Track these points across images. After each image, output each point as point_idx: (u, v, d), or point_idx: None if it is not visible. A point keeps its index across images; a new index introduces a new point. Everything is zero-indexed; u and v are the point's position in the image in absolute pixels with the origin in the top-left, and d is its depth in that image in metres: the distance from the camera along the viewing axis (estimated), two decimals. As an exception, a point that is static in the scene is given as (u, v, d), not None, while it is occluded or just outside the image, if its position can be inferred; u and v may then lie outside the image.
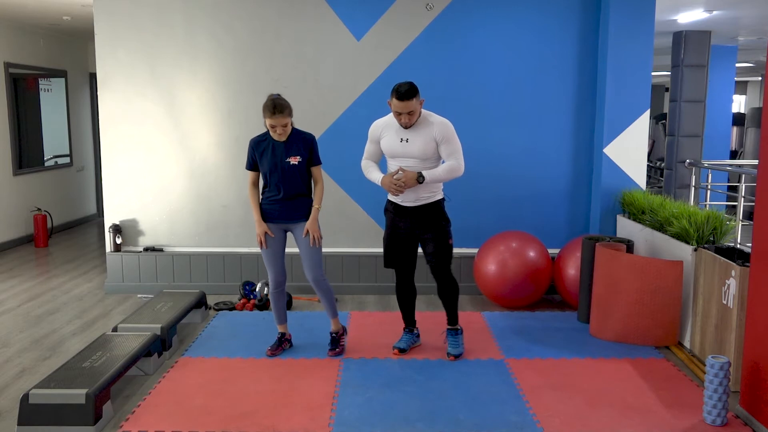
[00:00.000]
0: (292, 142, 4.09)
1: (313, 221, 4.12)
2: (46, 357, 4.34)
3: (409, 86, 3.87)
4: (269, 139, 4.11)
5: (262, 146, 4.11)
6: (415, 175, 3.94)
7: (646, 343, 4.46)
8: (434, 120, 4.01)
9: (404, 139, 4.00)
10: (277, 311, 4.33)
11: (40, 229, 7.82)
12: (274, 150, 4.07)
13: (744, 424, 3.39)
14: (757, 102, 16.89)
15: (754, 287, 3.41)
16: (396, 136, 4.02)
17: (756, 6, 6.65)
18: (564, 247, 5.40)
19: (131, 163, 5.79)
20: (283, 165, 4.05)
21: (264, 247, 4.16)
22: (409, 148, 3.99)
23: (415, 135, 3.98)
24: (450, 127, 4.01)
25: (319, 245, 4.15)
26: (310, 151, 4.12)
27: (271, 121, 3.97)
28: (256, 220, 4.15)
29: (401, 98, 3.85)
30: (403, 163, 4.02)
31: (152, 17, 5.63)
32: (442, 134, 3.97)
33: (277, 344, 4.34)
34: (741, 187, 5.95)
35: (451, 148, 4.00)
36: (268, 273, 4.26)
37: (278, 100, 3.98)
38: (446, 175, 4.01)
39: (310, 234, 4.11)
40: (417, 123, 3.98)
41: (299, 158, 4.07)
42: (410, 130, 3.99)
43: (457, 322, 4.33)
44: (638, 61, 5.45)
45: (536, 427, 3.35)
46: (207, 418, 3.44)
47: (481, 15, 5.61)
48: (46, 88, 8.61)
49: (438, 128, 3.97)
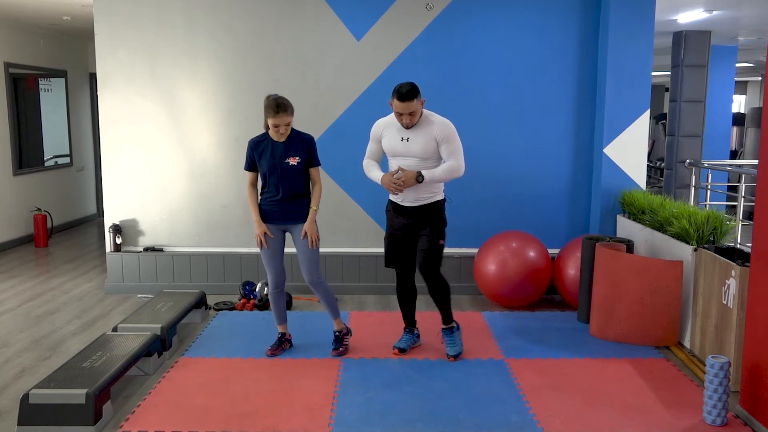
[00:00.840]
0: (291, 142, 4.09)
1: (310, 223, 4.12)
2: (46, 357, 4.34)
3: (410, 87, 3.87)
4: (268, 139, 4.11)
5: (261, 147, 4.11)
6: (415, 175, 3.94)
7: (646, 343, 4.46)
8: (435, 120, 4.02)
9: (405, 138, 4.00)
10: (276, 311, 4.33)
11: (40, 229, 7.82)
12: (273, 150, 4.07)
13: (744, 424, 3.39)
14: (757, 102, 16.88)
15: (754, 287, 3.41)
16: (397, 135, 4.03)
17: (756, 6, 6.65)
18: (564, 247, 5.40)
19: (131, 163, 5.79)
20: (282, 165, 4.06)
21: (265, 247, 4.16)
22: (409, 147, 3.99)
23: (416, 134, 3.98)
24: (451, 127, 4.02)
25: (316, 247, 4.15)
26: (309, 151, 4.12)
27: (274, 121, 3.97)
28: (255, 220, 4.15)
29: (402, 99, 3.86)
30: (404, 162, 4.03)
31: (152, 17, 5.63)
32: (443, 134, 3.97)
33: (277, 344, 4.34)
34: (741, 187, 5.95)
35: (451, 147, 4.00)
36: (268, 273, 4.26)
37: (280, 99, 3.98)
38: (446, 176, 4.01)
39: (308, 236, 4.12)
40: (418, 123, 3.99)
41: (298, 159, 4.07)
42: (411, 130, 4.00)
43: (452, 320, 4.33)
44: (638, 61, 5.45)
45: (536, 427, 3.35)
46: (207, 418, 3.44)
47: (481, 15, 5.61)
48: (46, 88, 8.62)
49: (439, 128, 3.98)
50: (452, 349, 4.26)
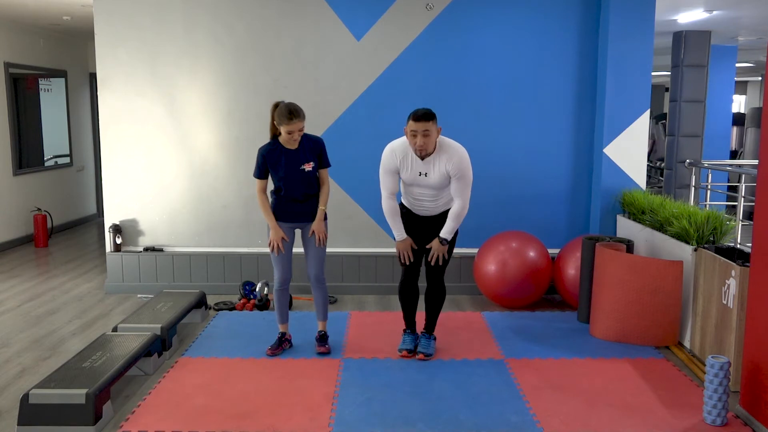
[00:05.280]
0: (303, 148, 4.11)
1: (319, 222, 4.15)
2: (46, 357, 4.34)
3: (428, 109, 3.89)
4: (279, 147, 4.10)
5: (275, 155, 4.11)
6: (440, 244, 4.07)
7: (646, 343, 4.46)
8: (449, 152, 3.96)
9: (423, 173, 4.01)
10: (279, 309, 4.34)
11: (40, 229, 7.82)
12: (287, 159, 4.09)
13: (744, 424, 3.39)
14: (757, 102, 16.88)
15: (754, 287, 3.41)
16: (416, 170, 4.02)
17: (756, 6, 6.65)
18: (564, 247, 5.40)
19: (131, 163, 5.79)
20: (298, 173, 4.08)
21: (281, 251, 4.17)
22: (427, 181, 4.03)
23: (433, 169, 3.99)
24: (465, 161, 3.98)
25: (324, 245, 4.19)
26: (320, 154, 4.16)
27: (288, 127, 3.96)
28: (273, 227, 4.15)
29: (418, 119, 3.84)
30: (419, 190, 4.07)
31: (152, 17, 5.63)
32: (457, 169, 3.95)
33: (277, 344, 4.35)
34: (741, 187, 5.95)
35: (461, 185, 4.00)
36: (275, 271, 4.26)
37: (292, 105, 3.99)
38: (458, 223, 4.09)
39: (315, 234, 4.13)
40: (433, 156, 3.97)
41: (312, 163, 4.12)
42: (428, 164, 3.98)
43: (433, 332, 4.38)
44: (638, 61, 5.45)
45: (536, 427, 3.35)
46: (207, 418, 3.44)
47: (481, 15, 5.61)
48: (46, 88, 8.61)
49: (454, 164, 3.94)
50: (428, 349, 4.27)
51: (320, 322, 4.41)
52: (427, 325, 4.36)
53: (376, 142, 4.22)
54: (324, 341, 4.37)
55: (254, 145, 5.73)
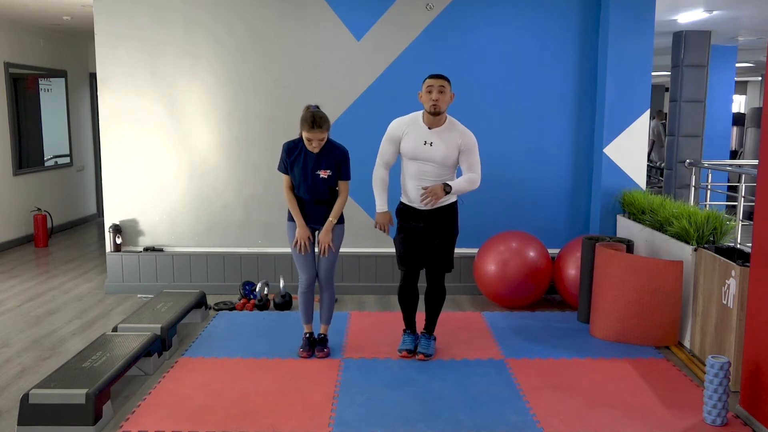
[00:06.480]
0: (324, 155, 4.07)
1: (326, 233, 4.14)
2: (46, 357, 4.34)
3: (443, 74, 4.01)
4: (302, 147, 4.09)
5: (294, 153, 4.10)
6: (442, 186, 3.94)
7: (646, 343, 4.46)
8: (460, 129, 4.03)
9: (429, 142, 3.98)
10: (305, 311, 4.31)
11: (40, 229, 7.82)
12: (305, 161, 4.07)
13: (744, 424, 3.39)
14: (757, 102, 16.88)
15: (754, 287, 3.41)
16: (420, 138, 4.00)
17: (756, 6, 6.65)
18: (564, 247, 5.40)
19: (131, 163, 5.79)
20: (312, 177, 4.07)
21: (308, 250, 4.16)
22: (431, 152, 3.98)
23: (440, 140, 3.97)
24: (474, 139, 4.04)
25: (328, 255, 4.18)
26: (340, 166, 4.11)
27: (308, 135, 3.95)
28: (300, 224, 4.12)
29: (435, 76, 3.95)
30: (421, 167, 4.02)
31: (152, 17, 5.63)
32: (467, 144, 3.99)
33: (308, 345, 4.31)
34: (741, 187, 5.95)
35: (473, 159, 4.03)
36: (300, 273, 4.24)
37: (318, 114, 3.95)
38: (467, 187, 4.05)
39: (321, 243, 4.14)
40: (442, 128, 3.99)
41: (329, 172, 4.09)
42: (435, 134, 3.98)
43: (433, 332, 4.37)
44: (638, 61, 5.45)
45: (536, 427, 3.35)
46: (207, 418, 3.44)
47: (481, 15, 5.61)
48: (46, 88, 8.61)
49: (463, 138, 3.99)
50: (428, 349, 4.27)
51: (322, 325, 4.37)
52: (427, 326, 4.36)
53: (376, 142, 4.21)
54: (323, 345, 4.34)
55: (254, 145, 5.78)
